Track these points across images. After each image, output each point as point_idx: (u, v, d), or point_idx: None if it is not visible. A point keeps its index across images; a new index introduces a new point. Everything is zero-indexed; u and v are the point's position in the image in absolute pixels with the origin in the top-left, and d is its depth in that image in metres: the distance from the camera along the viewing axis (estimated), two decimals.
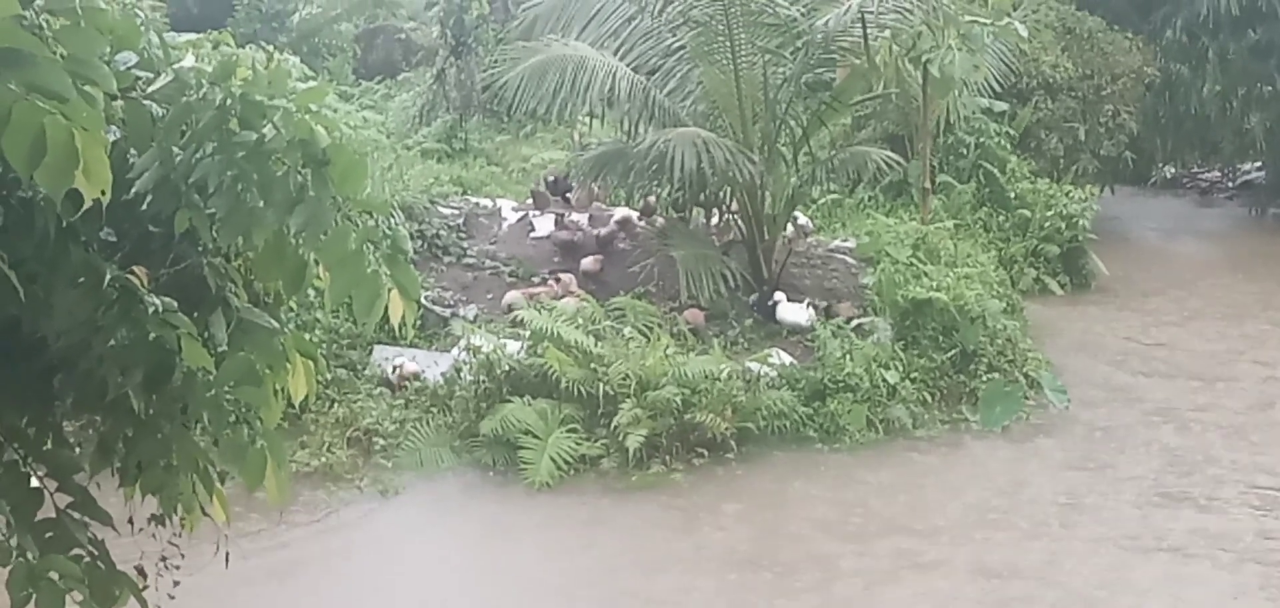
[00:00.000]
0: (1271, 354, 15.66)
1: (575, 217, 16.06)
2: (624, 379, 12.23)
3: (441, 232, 15.66)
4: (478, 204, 16.96)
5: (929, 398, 13.29)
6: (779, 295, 14.40)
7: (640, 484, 11.59)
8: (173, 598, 5.46)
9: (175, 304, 4.21)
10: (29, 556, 4.41)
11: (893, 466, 12.19)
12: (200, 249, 4.47)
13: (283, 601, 9.67)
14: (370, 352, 13.18)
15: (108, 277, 4.15)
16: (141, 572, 5.04)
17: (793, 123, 15.21)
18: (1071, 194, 18.90)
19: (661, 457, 11.94)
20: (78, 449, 4.79)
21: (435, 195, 16.74)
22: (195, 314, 4.37)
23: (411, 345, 13.23)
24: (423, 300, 13.19)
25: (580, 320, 13.09)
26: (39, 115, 3.52)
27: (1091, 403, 13.73)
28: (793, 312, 14.21)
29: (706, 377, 12.36)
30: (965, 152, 18.77)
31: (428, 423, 12.27)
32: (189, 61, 4.25)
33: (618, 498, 11.44)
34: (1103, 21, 21.55)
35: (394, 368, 12.83)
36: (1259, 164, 25.65)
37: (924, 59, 15.50)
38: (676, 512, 11.21)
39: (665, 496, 11.48)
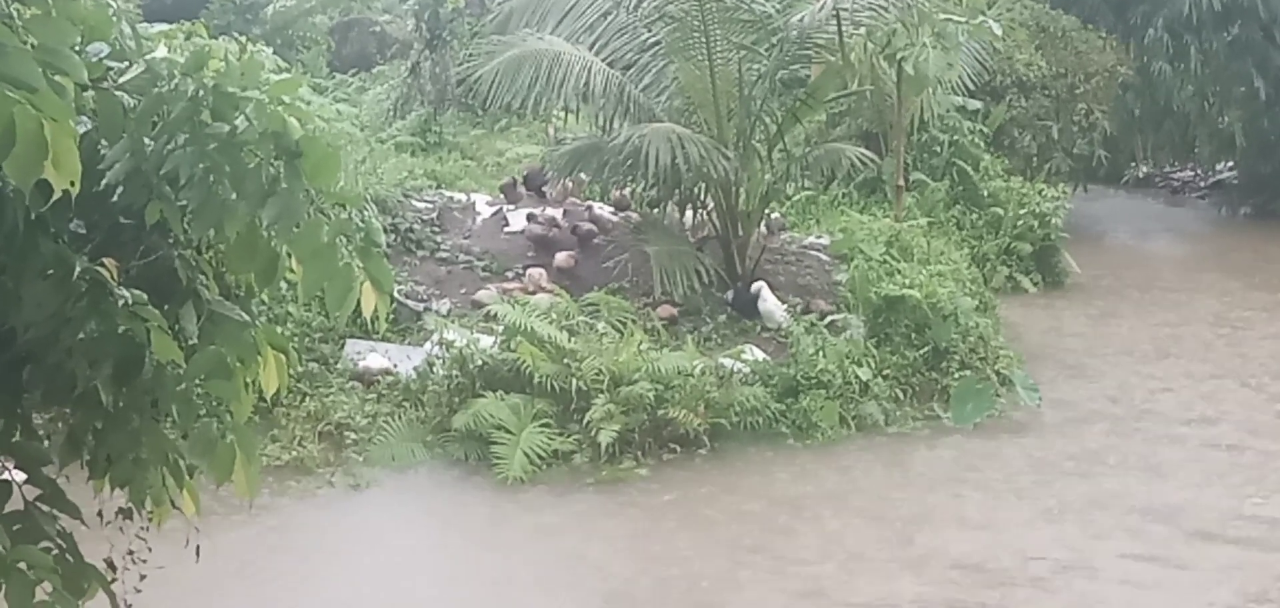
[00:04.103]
0: (1243, 351, 15.77)
1: (550, 212, 16.03)
2: (597, 374, 12.22)
3: (415, 225, 15.61)
4: (452, 198, 16.92)
5: (901, 395, 13.32)
6: (760, 285, 14.41)
7: (611, 479, 11.59)
8: (139, 591, 5.43)
9: (145, 297, 4.18)
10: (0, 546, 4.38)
11: (864, 462, 12.22)
12: (171, 241, 4.44)
13: (252, 595, 9.63)
14: (342, 345, 13.13)
15: (77, 269, 4.11)
16: (110, 565, 5.01)
17: (767, 119, 15.23)
18: (1044, 192, 19.02)
19: (634, 452, 11.94)
20: (47, 442, 4.76)
21: (409, 189, 16.69)
22: (166, 307, 4.34)
23: (384, 339, 13.19)
24: (396, 294, 13.16)
25: (554, 315, 13.08)
26: (8, 105, 3.49)
27: (1063, 400, 13.79)
28: (774, 304, 14.23)
29: (680, 373, 12.37)
30: (939, 149, 18.86)
31: (400, 417, 12.24)
32: (161, 52, 4.22)
33: (589, 493, 11.43)
34: (1077, 20, 21.66)
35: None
36: (1231, 164, 25.84)
37: (898, 57, 15.56)
38: (647, 507, 11.21)
39: (636, 490, 11.49)
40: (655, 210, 16.01)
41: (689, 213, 15.87)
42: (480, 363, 12.44)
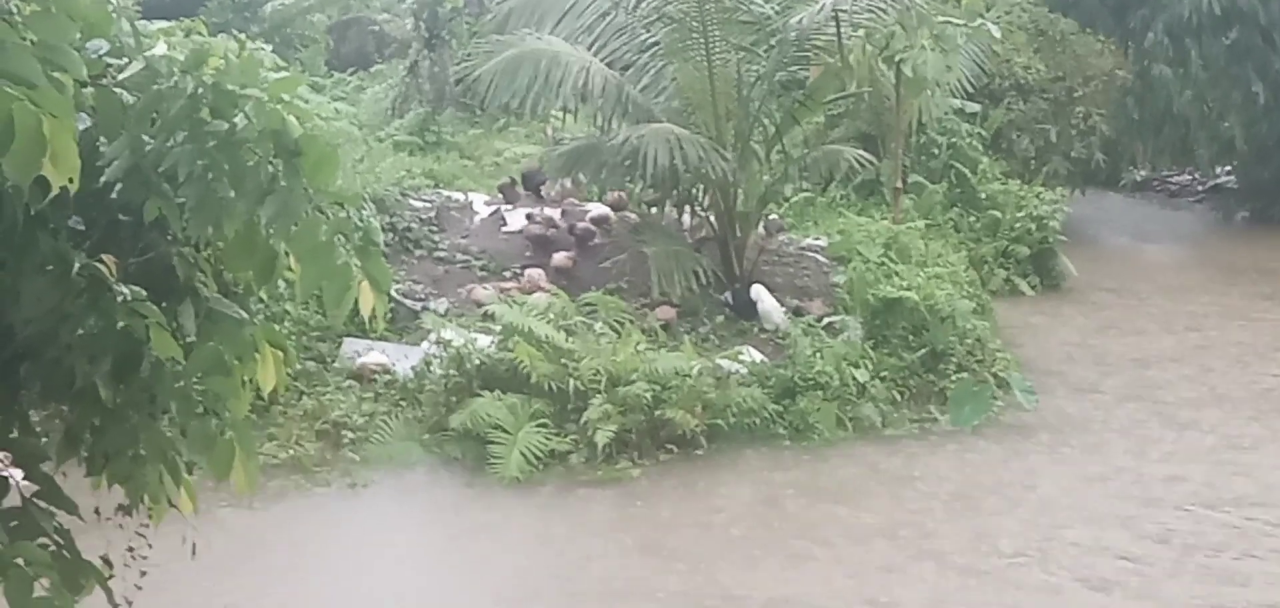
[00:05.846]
0: (1234, 354, 15.76)
1: (548, 211, 16.03)
2: (594, 375, 12.22)
3: (413, 224, 15.62)
4: (450, 197, 16.92)
5: (898, 397, 13.32)
6: (758, 288, 14.43)
7: (608, 479, 11.59)
8: (139, 589, 5.43)
9: (144, 293, 4.18)
10: None
11: (860, 464, 12.21)
12: (170, 238, 4.44)
13: (250, 593, 9.62)
14: (340, 344, 13.13)
15: (76, 265, 4.11)
16: (108, 562, 5.01)
17: (766, 121, 15.24)
18: (1042, 195, 19.06)
19: (630, 453, 11.94)
20: (44, 438, 4.75)
21: (407, 188, 16.70)
22: (164, 304, 4.33)
23: (382, 338, 13.19)
24: (393, 293, 13.17)
25: (551, 315, 13.08)
26: (7, 101, 3.49)
27: (1060, 403, 13.79)
28: (772, 304, 14.23)
29: (677, 373, 12.37)
30: (937, 152, 18.88)
31: (397, 417, 12.24)
32: (161, 49, 4.21)
33: (586, 493, 11.43)
34: (1076, 23, 21.67)
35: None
36: (1229, 168, 25.84)
37: (897, 59, 15.58)
38: (643, 507, 11.20)
39: (633, 491, 11.48)
40: (653, 211, 16.02)
41: (687, 214, 15.88)
42: (477, 362, 12.44)
